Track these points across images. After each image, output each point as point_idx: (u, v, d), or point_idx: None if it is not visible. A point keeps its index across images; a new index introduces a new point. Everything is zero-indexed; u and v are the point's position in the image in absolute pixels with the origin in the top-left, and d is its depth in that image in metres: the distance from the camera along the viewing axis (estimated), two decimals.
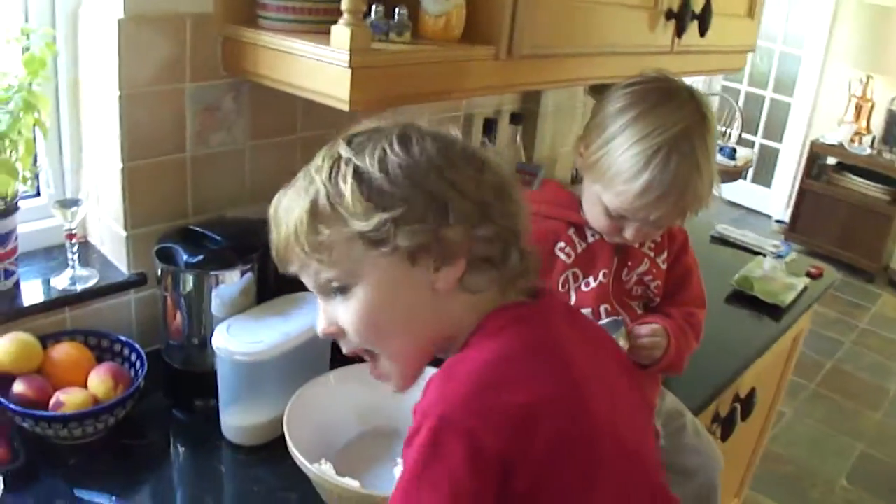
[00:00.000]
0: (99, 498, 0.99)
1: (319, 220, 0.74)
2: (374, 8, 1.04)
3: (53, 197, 1.21)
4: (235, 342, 1.06)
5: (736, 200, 5.39)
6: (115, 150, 1.16)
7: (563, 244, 1.17)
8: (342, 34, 0.95)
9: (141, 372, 1.12)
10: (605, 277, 1.17)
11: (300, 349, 1.10)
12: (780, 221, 5.17)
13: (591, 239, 1.18)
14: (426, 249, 0.73)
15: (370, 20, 1.02)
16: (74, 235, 1.20)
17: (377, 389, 1.12)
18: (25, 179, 1.15)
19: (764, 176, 5.37)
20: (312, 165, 0.78)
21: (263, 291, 1.18)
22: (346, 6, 0.94)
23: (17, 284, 1.19)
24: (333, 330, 0.80)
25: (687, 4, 1.42)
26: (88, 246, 1.32)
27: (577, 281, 1.18)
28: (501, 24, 1.12)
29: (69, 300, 1.19)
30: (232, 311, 1.14)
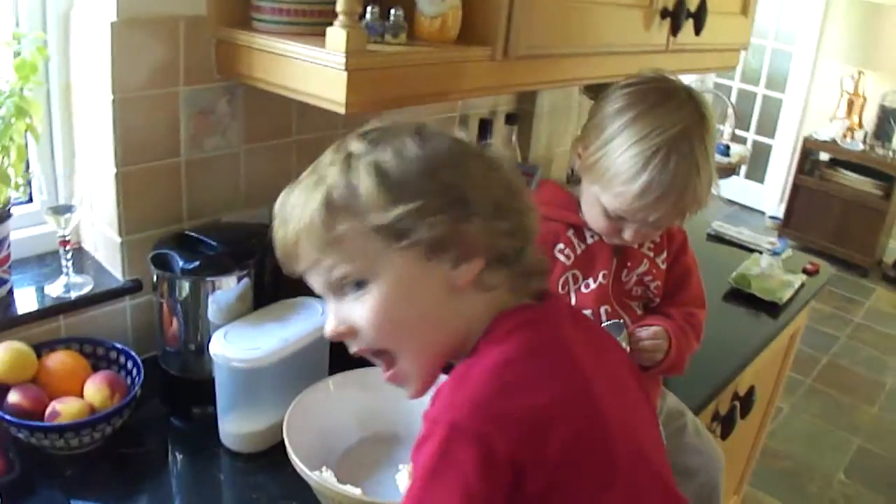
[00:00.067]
0: None
1: (335, 214, 0.72)
2: (369, 9, 1.03)
3: (46, 203, 1.19)
4: (233, 349, 1.05)
5: (729, 197, 5.40)
6: (108, 155, 1.15)
7: (562, 245, 1.16)
8: (338, 36, 0.94)
9: (137, 380, 1.11)
10: (604, 279, 1.17)
11: (298, 355, 1.10)
12: (773, 217, 5.18)
13: (590, 240, 1.17)
14: (445, 244, 0.72)
15: (365, 22, 1.01)
16: (68, 242, 1.19)
17: (376, 394, 1.12)
18: (18, 186, 1.14)
19: (757, 172, 5.38)
20: (321, 162, 0.76)
21: (260, 297, 1.17)
22: (341, 8, 0.93)
23: (10, 292, 1.18)
24: (344, 329, 0.77)
25: (682, 3, 1.41)
26: (82, 252, 1.30)
27: (576, 282, 1.17)
28: (497, 24, 1.11)
29: (63, 308, 1.18)
30: (229, 317, 1.13)
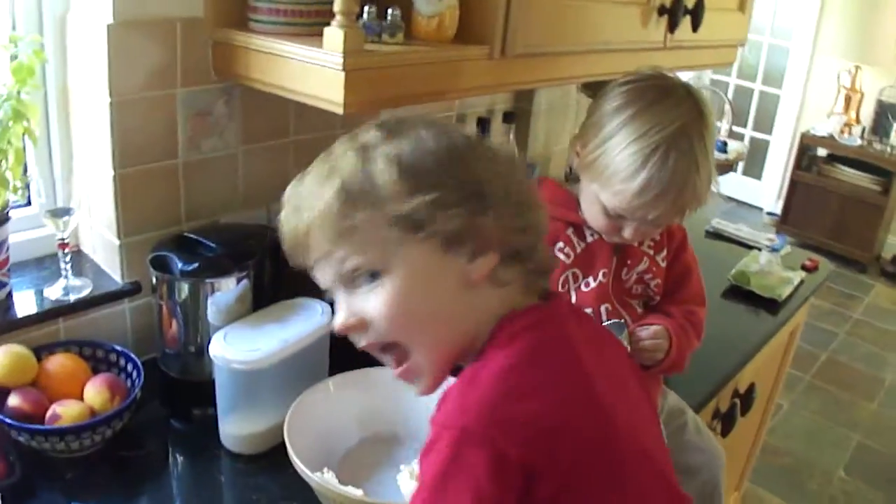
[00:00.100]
0: None
1: (351, 203, 0.70)
2: (366, 9, 1.02)
3: (44, 206, 1.19)
4: (233, 350, 1.05)
5: (727, 193, 5.40)
6: (106, 157, 1.15)
7: (561, 244, 1.16)
8: (335, 36, 0.94)
9: (137, 382, 1.11)
10: (604, 277, 1.17)
11: (298, 356, 1.09)
12: (771, 214, 5.19)
13: (589, 238, 1.17)
14: (461, 237, 0.71)
15: (363, 21, 1.01)
16: (67, 245, 1.18)
17: (377, 395, 1.12)
18: (16, 189, 1.13)
19: (754, 168, 5.38)
20: (334, 152, 0.75)
21: (259, 298, 1.17)
22: (338, 8, 0.93)
23: (9, 295, 1.17)
24: (355, 322, 0.75)
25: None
26: (81, 255, 1.30)
27: (576, 281, 1.17)
28: (495, 23, 1.11)
29: (63, 311, 1.18)
30: (228, 318, 1.13)
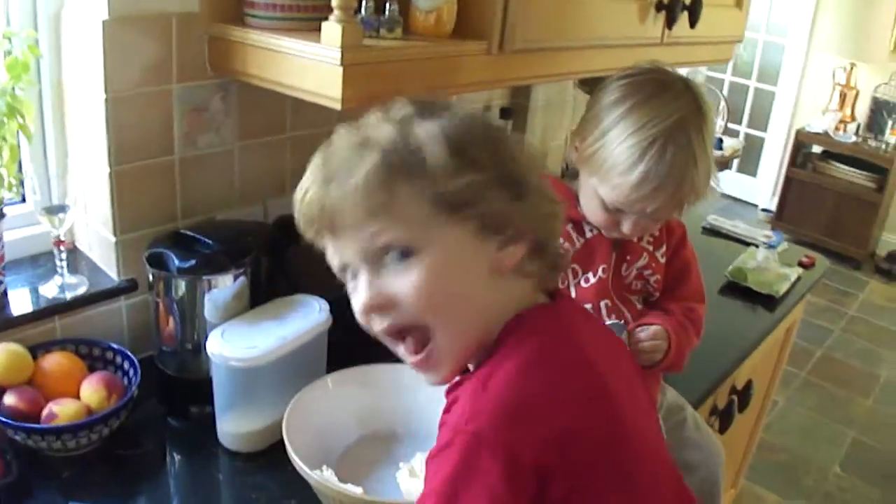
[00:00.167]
0: None
1: (394, 176, 0.67)
2: (364, 4, 1.02)
3: (39, 203, 1.18)
4: (230, 348, 1.05)
5: (722, 190, 5.40)
6: (101, 154, 1.14)
7: (560, 240, 1.16)
8: (333, 31, 0.94)
9: (134, 380, 1.10)
10: (604, 273, 1.16)
11: (296, 353, 1.09)
12: (766, 210, 5.20)
13: (589, 234, 1.17)
14: (499, 222, 0.70)
15: (360, 16, 1.00)
16: (62, 242, 1.18)
17: (375, 392, 1.12)
18: (10, 186, 1.13)
19: (749, 165, 5.39)
20: (366, 123, 0.71)
21: (257, 295, 1.17)
22: (336, 2, 0.92)
23: (4, 293, 1.16)
24: (382, 301, 0.71)
25: None
26: (77, 252, 1.29)
27: (576, 277, 1.17)
28: (493, 19, 1.11)
29: (59, 308, 1.17)
30: (225, 315, 1.12)
